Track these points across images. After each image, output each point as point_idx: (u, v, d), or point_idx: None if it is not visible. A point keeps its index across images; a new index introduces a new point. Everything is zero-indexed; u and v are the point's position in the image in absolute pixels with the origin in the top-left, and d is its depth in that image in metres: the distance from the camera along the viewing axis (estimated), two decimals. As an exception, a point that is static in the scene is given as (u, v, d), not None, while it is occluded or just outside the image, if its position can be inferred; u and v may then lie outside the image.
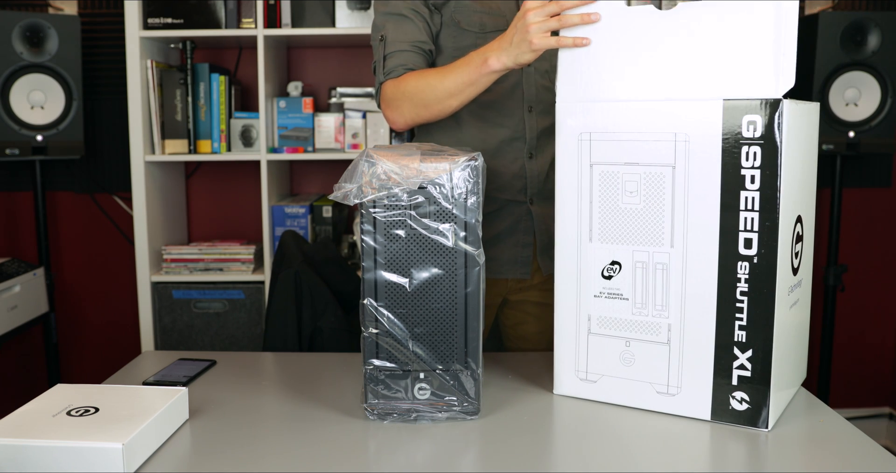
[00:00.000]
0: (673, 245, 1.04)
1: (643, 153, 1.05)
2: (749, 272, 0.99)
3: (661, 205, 1.04)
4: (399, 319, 1.02)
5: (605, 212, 1.09)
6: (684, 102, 1.02)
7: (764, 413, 1.01)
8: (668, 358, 1.06)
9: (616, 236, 1.08)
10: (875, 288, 2.94)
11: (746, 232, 0.99)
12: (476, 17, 1.40)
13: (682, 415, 1.06)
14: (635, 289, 1.08)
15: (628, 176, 1.06)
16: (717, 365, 1.03)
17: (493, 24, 1.40)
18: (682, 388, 1.06)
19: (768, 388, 1.00)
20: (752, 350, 1.00)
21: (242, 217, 2.81)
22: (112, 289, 2.84)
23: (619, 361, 1.10)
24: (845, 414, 0.96)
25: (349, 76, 2.79)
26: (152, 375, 1.25)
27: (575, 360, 1.13)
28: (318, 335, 1.60)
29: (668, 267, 1.05)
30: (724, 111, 0.98)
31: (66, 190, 2.80)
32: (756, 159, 0.97)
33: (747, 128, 0.97)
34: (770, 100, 0.96)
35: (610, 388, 1.11)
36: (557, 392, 1.16)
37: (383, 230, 1.00)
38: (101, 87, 2.72)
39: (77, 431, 0.91)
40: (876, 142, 2.52)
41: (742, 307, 1.00)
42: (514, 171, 1.44)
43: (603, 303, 1.10)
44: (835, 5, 2.78)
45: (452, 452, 0.98)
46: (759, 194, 0.97)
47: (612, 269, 1.09)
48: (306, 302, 1.61)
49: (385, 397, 1.04)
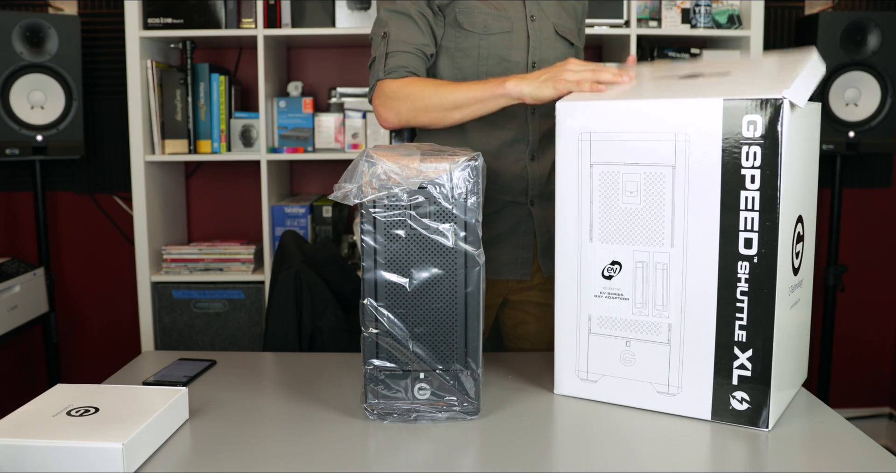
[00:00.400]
0: (673, 245, 1.04)
1: (643, 153, 1.05)
2: (749, 272, 0.99)
3: (661, 205, 1.04)
4: (399, 319, 1.02)
5: (605, 212, 1.09)
6: (684, 102, 1.02)
7: (764, 413, 1.01)
8: (669, 358, 1.06)
9: (616, 236, 1.08)
10: (875, 288, 2.94)
11: (747, 231, 0.99)
12: (480, 18, 1.40)
13: (682, 415, 1.06)
14: (635, 289, 1.08)
15: (628, 176, 1.06)
16: (718, 364, 1.03)
17: (497, 26, 1.40)
18: (683, 388, 1.06)
19: (769, 388, 1.00)
20: (752, 349, 1.00)
21: (242, 217, 2.81)
22: (112, 289, 2.84)
23: (619, 361, 1.10)
24: (845, 414, 0.96)
25: (349, 76, 2.79)
26: (152, 375, 1.25)
27: (575, 360, 1.13)
28: (318, 335, 1.60)
29: (669, 267, 1.05)
30: (724, 111, 0.98)
31: (66, 190, 2.80)
32: (756, 159, 0.97)
33: (748, 127, 0.97)
34: (771, 99, 0.96)
35: (610, 388, 1.11)
36: (558, 391, 1.16)
37: (383, 230, 1.00)
38: (101, 87, 2.72)
39: (77, 431, 0.91)
40: (876, 142, 2.52)
41: (742, 307, 1.00)
42: (515, 173, 1.44)
43: (603, 303, 1.10)
44: (835, 5, 2.78)
45: (452, 452, 0.98)
46: (759, 194, 0.97)
47: (612, 269, 1.09)
48: (306, 302, 1.61)
49: (385, 397, 1.04)
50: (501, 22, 1.41)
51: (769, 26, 2.72)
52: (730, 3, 2.51)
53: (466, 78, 1.41)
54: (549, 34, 1.44)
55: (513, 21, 1.41)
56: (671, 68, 1.21)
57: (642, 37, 2.50)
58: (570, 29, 1.48)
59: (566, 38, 1.47)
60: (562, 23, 1.46)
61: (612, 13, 2.45)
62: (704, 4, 2.48)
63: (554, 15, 1.46)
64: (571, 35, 1.48)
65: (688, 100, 1.01)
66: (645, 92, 1.09)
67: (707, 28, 2.48)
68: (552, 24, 1.45)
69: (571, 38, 1.48)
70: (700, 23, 2.49)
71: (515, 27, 1.42)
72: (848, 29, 2.46)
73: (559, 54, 1.46)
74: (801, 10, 2.77)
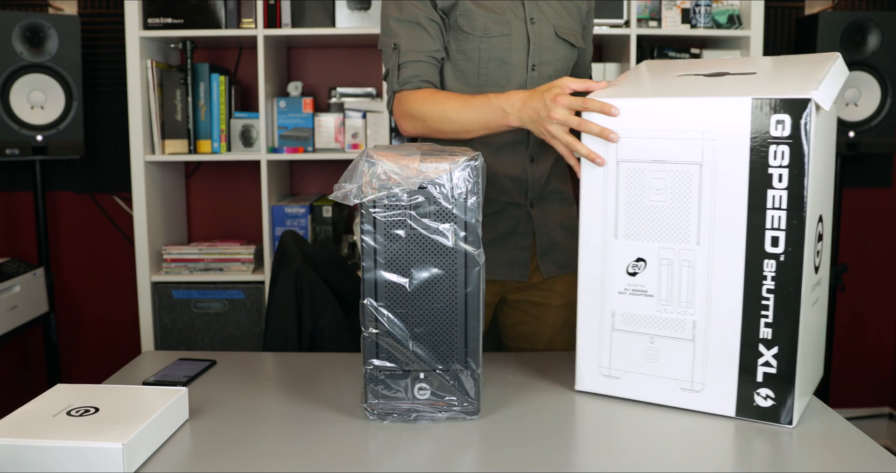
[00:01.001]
0: (699, 242, 1.05)
1: (670, 150, 1.05)
2: (776, 269, 1.00)
3: (687, 203, 1.05)
4: (399, 319, 1.02)
5: (630, 209, 1.09)
6: (713, 101, 1.02)
7: (789, 410, 1.02)
8: (693, 355, 1.07)
9: (642, 233, 1.09)
10: (875, 288, 2.94)
11: (773, 230, 1.00)
12: (480, 21, 1.39)
13: (705, 412, 1.07)
14: (660, 286, 1.08)
15: (655, 173, 1.07)
16: (742, 361, 1.03)
17: (496, 29, 1.40)
18: (707, 385, 1.06)
19: (793, 385, 1.01)
20: (777, 347, 1.01)
21: (242, 217, 2.81)
22: (112, 289, 2.84)
23: (643, 357, 1.10)
24: (845, 414, 0.96)
25: (349, 76, 2.79)
26: (152, 375, 1.25)
27: (598, 356, 1.14)
28: (318, 335, 1.60)
29: (694, 265, 1.05)
30: (752, 110, 0.99)
31: (66, 190, 2.79)
32: (784, 158, 0.98)
33: (776, 127, 0.98)
34: (800, 100, 0.96)
35: (633, 385, 1.12)
36: (579, 388, 1.16)
37: (383, 230, 1.00)
38: (101, 87, 2.71)
39: (77, 431, 0.91)
40: (876, 142, 2.52)
41: (768, 304, 1.01)
42: (515, 175, 1.44)
43: (627, 300, 1.11)
44: (835, 5, 2.78)
45: (452, 452, 0.98)
46: (786, 193, 0.98)
47: (637, 266, 1.10)
48: (306, 302, 1.61)
49: (385, 397, 1.04)
50: (501, 25, 1.40)
51: (769, 26, 2.72)
52: (730, 3, 2.51)
53: (468, 79, 1.42)
54: (550, 37, 1.44)
55: (512, 24, 1.41)
56: (695, 65, 1.20)
57: (642, 37, 2.50)
58: (572, 29, 1.48)
59: (567, 39, 1.46)
60: (563, 24, 1.46)
61: (612, 13, 2.45)
62: (704, 4, 2.48)
63: (555, 16, 1.45)
64: (573, 36, 1.47)
65: (716, 99, 1.02)
66: (672, 90, 1.09)
67: (707, 28, 2.48)
68: (552, 26, 1.44)
69: (573, 39, 1.47)
70: (700, 23, 2.49)
71: (515, 30, 1.41)
72: (848, 29, 2.46)
73: (560, 56, 1.45)
74: (801, 10, 2.77)
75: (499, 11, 1.41)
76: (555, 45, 1.45)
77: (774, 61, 1.17)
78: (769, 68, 1.13)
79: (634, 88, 1.13)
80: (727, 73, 1.12)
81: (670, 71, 1.20)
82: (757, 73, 1.10)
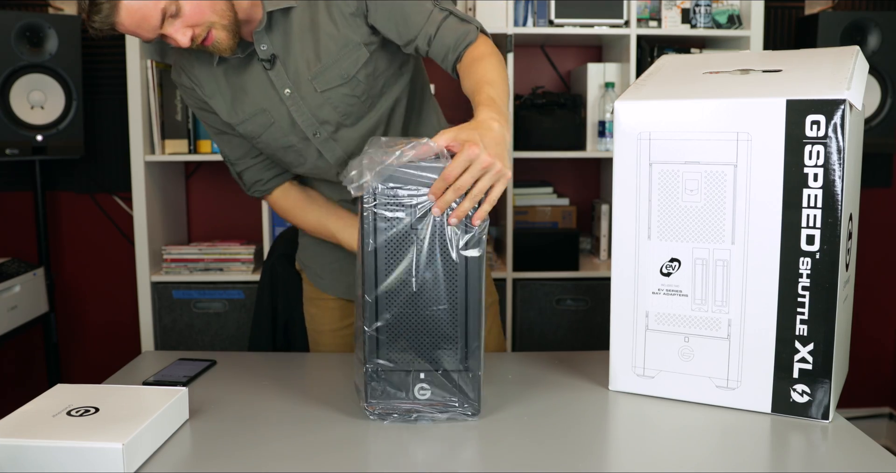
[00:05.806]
0: (734, 242, 1.05)
1: (704, 151, 1.05)
2: (811, 267, 1.01)
3: (721, 203, 1.05)
4: (399, 319, 1.02)
5: (664, 210, 1.10)
6: (747, 101, 1.02)
7: (825, 405, 1.03)
8: (728, 353, 1.08)
9: (675, 234, 1.09)
10: (875, 288, 2.94)
11: (809, 228, 1.00)
12: (247, 127, 1.34)
13: (741, 409, 1.08)
14: (695, 286, 1.09)
15: (689, 174, 1.07)
16: (778, 358, 1.04)
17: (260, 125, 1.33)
18: (742, 382, 1.07)
19: (829, 380, 1.02)
20: (813, 343, 1.02)
21: (242, 217, 2.81)
22: (112, 289, 2.84)
23: (677, 356, 1.11)
24: (845, 414, 0.96)
25: (349, 76, 2.78)
26: (152, 375, 1.25)
27: (632, 356, 1.15)
28: (292, 325, 1.62)
29: (729, 264, 1.06)
30: (787, 110, 0.99)
31: (66, 190, 2.79)
32: (819, 158, 0.98)
33: (811, 127, 0.98)
34: (834, 100, 0.97)
35: (668, 383, 1.12)
36: (613, 388, 1.17)
37: (383, 229, 1.00)
38: (101, 87, 2.72)
39: (77, 431, 0.91)
40: (876, 142, 2.52)
41: (804, 302, 1.02)
42: None
43: (661, 300, 1.11)
44: (835, 5, 2.78)
45: (452, 452, 0.98)
46: (821, 191, 0.99)
47: (671, 266, 1.10)
48: (280, 294, 1.63)
49: (385, 397, 1.04)
50: (262, 118, 1.32)
51: (769, 26, 2.73)
52: (730, 3, 2.51)
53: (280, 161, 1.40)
54: (313, 99, 1.29)
55: (270, 111, 1.31)
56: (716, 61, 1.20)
57: (642, 37, 2.50)
58: (339, 67, 1.27)
59: (333, 87, 1.28)
60: (321, 73, 1.27)
61: (612, 13, 2.45)
62: (704, 4, 2.48)
63: (308, 72, 1.27)
64: (341, 74, 1.27)
65: (751, 101, 1.02)
66: (703, 90, 1.09)
67: (707, 28, 2.48)
68: (310, 85, 1.28)
69: (342, 78, 1.27)
70: (700, 23, 2.49)
71: (275, 116, 1.31)
72: (848, 29, 2.46)
73: (342, 105, 1.30)
74: (801, 10, 2.77)
75: (254, 104, 1.31)
76: (323, 104, 1.29)
77: (795, 56, 1.16)
78: (793, 65, 1.12)
79: (664, 89, 1.13)
80: (751, 70, 1.12)
81: (694, 68, 1.19)
82: (783, 71, 1.10)
